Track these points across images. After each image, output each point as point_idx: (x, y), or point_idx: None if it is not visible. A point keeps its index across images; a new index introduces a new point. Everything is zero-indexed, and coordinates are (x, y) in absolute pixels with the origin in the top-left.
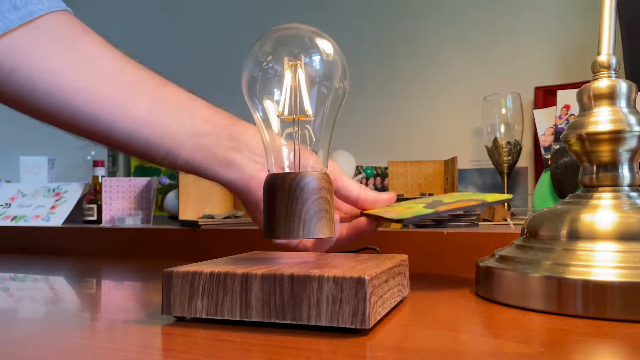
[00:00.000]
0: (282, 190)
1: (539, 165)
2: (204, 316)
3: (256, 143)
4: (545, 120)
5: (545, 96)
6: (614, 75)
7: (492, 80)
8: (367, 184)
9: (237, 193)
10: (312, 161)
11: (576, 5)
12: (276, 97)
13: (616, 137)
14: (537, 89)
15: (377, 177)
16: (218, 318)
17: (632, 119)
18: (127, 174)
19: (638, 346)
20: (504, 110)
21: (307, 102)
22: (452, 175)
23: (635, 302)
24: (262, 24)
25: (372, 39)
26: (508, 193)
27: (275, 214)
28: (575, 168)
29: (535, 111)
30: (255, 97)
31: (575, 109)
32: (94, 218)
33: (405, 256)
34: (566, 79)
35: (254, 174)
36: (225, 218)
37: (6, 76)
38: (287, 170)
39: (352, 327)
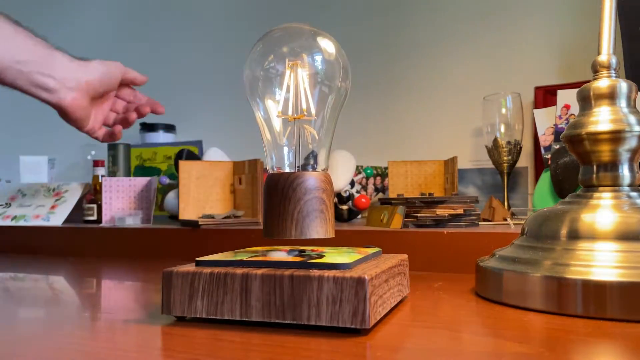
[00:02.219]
0: (276, 190)
1: (539, 165)
2: (204, 316)
3: (67, 73)
4: (546, 120)
5: (546, 96)
6: (614, 75)
7: (492, 80)
8: (367, 184)
9: (54, 108)
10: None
11: (576, 5)
12: (277, 97)
13: (616, 137)
14: (537, 88)
15: (377, 177)
16: (218, 318)
17: (632, 119)
18: (127, 173)
19: (638, 346)
20: (504, 110)
21: (309, 102)
22: (452, 175)
23: (635, 302)
24: (263, 24)
25: (373, 39)
26: (508, 192)
27: (271, 213)
28: (575, 168)
29: (535, 111)
30: (257, 96)
31: (575, 109)
32: (94, 218)
33: (405, 256)
34: (566, 78)
35: (64, 96)
36: (225, 218)
37: None
38: (287, 170)
39: (352, 327)
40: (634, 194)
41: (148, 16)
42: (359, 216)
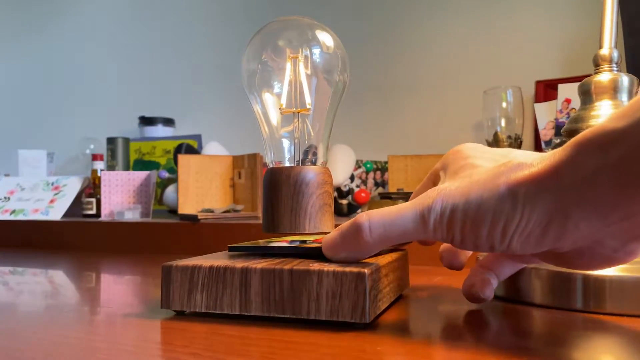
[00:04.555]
0: (287, 184)
1: None
2: (203, 310)
3: None
4: (546, 114)
5: (546, 90)
6: (615, 68)
7: (492, 73)
8: (367, 178)
9: None
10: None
11: None
12: (276, 90)
13: None
14: (537, 82)
15: (377, 171)
16: (217, 312)
17: None
18: (126, 167)
19: (638, 341)
20: (504, 104)
21: (307, 95)
22: None
23: (635, 297)
24: (262, 18)
25: (372, 32)
26: None
27: (280, 208)
28: None
29: (536, 105)
30: (255, 90)
31: (576, 103)
32: (93, 212)
33: (406, 251)
34: (567, 72)
35: None
36: (224, 212)
37: None
38: (287, 164)
39: (352, 321)
40: None
41: (148, 11)
42: (359, 210)
